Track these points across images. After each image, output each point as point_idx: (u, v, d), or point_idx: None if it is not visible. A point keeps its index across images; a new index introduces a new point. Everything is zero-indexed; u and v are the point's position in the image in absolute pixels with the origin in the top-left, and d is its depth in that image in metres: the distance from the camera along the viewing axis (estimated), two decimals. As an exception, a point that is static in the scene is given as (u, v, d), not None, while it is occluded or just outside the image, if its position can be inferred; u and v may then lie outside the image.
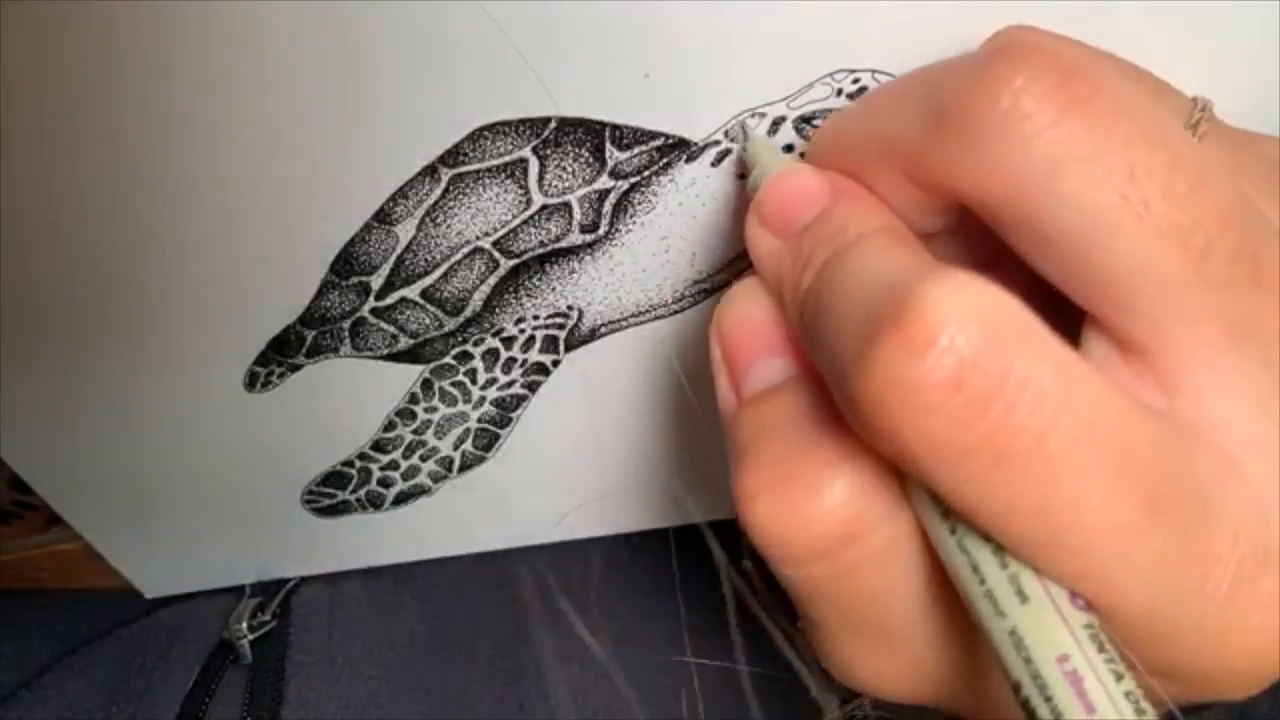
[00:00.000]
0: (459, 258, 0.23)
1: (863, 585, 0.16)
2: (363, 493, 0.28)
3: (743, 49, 0.20)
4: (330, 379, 0.25)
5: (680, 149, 0.21)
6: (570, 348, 0.25)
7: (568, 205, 0.22)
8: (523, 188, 0.22)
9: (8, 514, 0.30)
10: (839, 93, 0.20)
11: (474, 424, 0.26)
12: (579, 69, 0.20)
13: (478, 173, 0.21)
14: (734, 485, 0.17)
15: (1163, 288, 0.15)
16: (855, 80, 0.20)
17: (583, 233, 0.23)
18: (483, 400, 0.26)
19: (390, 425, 0.26)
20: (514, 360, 0.25)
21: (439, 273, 0.23)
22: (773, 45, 0.20)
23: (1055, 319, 0.14)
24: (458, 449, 0.27)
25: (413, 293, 0.23)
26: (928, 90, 0.16)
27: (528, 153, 0.21)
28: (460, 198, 0.22)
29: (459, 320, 0.24)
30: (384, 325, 0.24)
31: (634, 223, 0.23)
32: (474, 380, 0.25)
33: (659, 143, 0.21)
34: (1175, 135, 0.15)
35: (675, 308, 0.24)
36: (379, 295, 0.23)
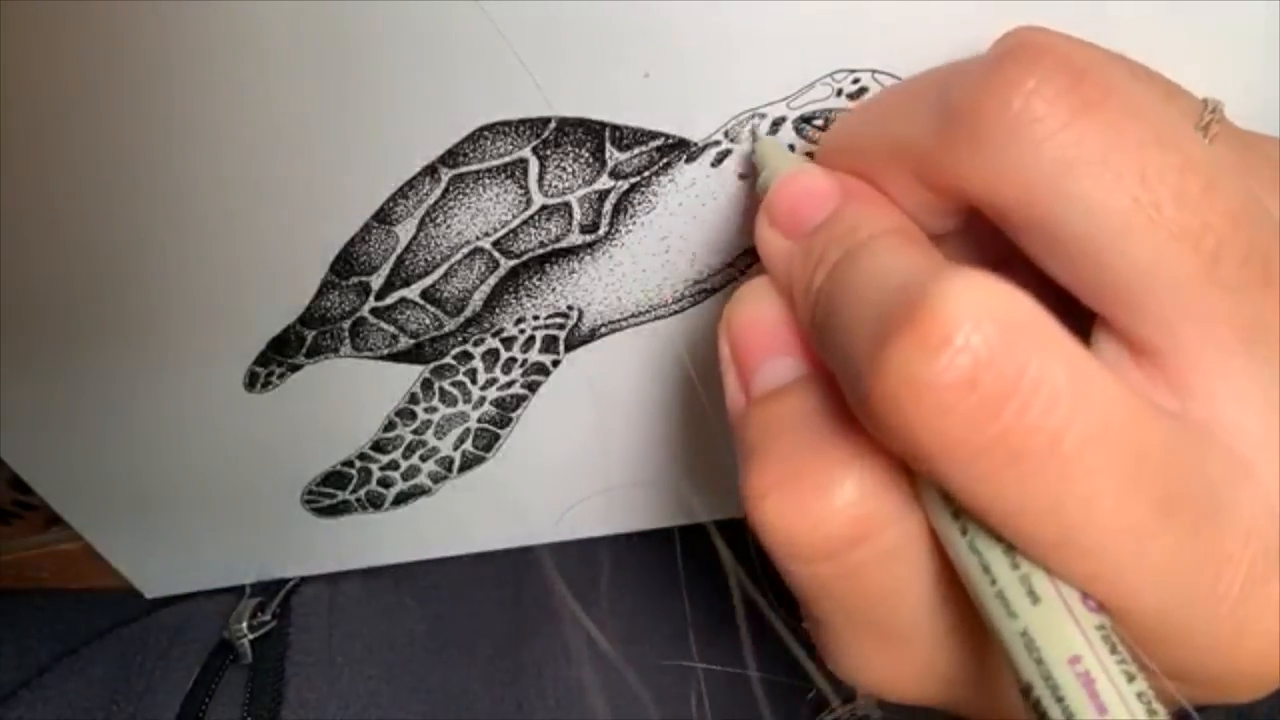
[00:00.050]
0: (459, 258, 0.23)
1: (871, 585, 0.16)
2: (363, 493, 0.28)
3: (743, 49, 0.20)
4: (330, 379, 0.25)
5: (680, 149, 0.21)
6: (570, 348, 0.25)
7: (568, 205, 0.22)
8: (523, 188, 0.22)
9: (8, 514, 0.30)
10: (839, 93, 0.20)
11: (474, 424, 0.26)
12: (578, 69, 0.20)
13: (478, 173, 0.21)
14: (743, 484, 0.16)
15: (1174, 290, 0.15)
16: (855, 80, 0.20)
17: (583, 233, 0.23)
18: (483, 400, 0.26)
19: (390, 425, 0.26)
20: (514, 360, 0.25)
21: (439, 273, 0.23)
22: (773, 45, 0.20)
23: (1065, 321, 0.14)
24: (458, 449, 0.27)
25: (413, 293, 0.23)
26: (938, 92, 0.16)
27: (528, 153, 0.21)
28: (460, 198, 0.22)
29: (459, 320, 0.24)
30: (384, 325, 0.24)
31: (634, 223, 0.23)
32: (474, 380, 0.25)
33: (659, 143, 0.21)
34: (1186, 138, 0.15)
35: (675, 308, 0.24)
36: (379, 295, 0.23)
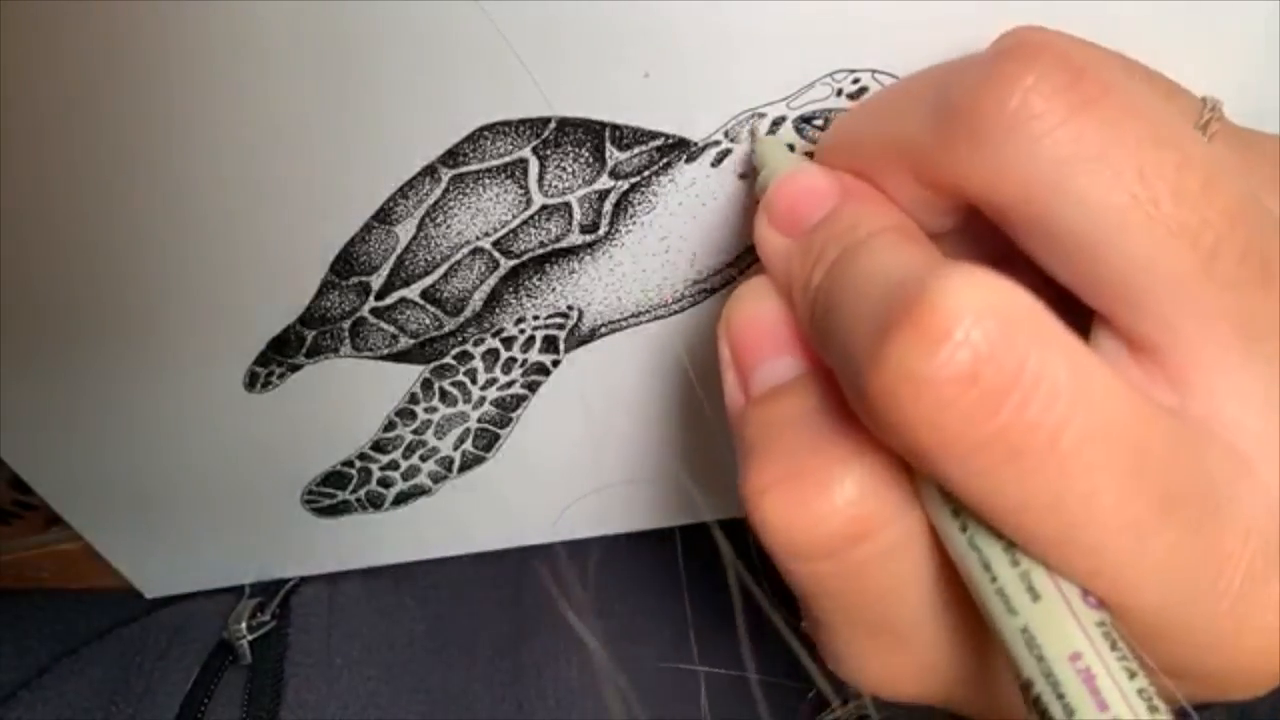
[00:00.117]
0: (459, 258, 0.23)
1: (871, 583, 0.16)
2: (363, 493, 0.28)
3: (743, 49, 0.20)
4: (330, 379, 0.25)
5: (680, 149, 0.21)
6: (570, 348, 0.25)
7: (568, 205, 0.22)
8: (523, 188, 0.22)
9: (8, 514, 0.30)
10: (839, 93, 0.20)
11: (474, 424, 0.26)
12: (578, 69, 0.20)
13: (478, 173, 0.21)
14: (742, 483, 0.16)
15: (1172, 287, 0.15)
16: (855, 80, 0.20)
17: (583, 233, 0.23)
18: (483, 400, 0.26)
19: (390, 425, 0.26)
20: (514, 360, 0.25)
21: (439, 273, 0.23)
22: (773, 45, 0.20)
23: (1065, 318, 0.14)
24: (458, 449, 0.27)
25: (413, 293, 0.23)
26: (936, 90, 0.16)
27: (528, 153, 0.21)
28: (460, 198, 0.22)
29: (459, 320, 0.24)
30: (384, 325, 0.24)
31: (634, 223, 0.23)
32: (474, 380, 0.25)
33: (659, 143, 0.21)
34: (1185, 135, 0.15)
35: (675, 308, 0.24)
36: (379, 295, 0.23)
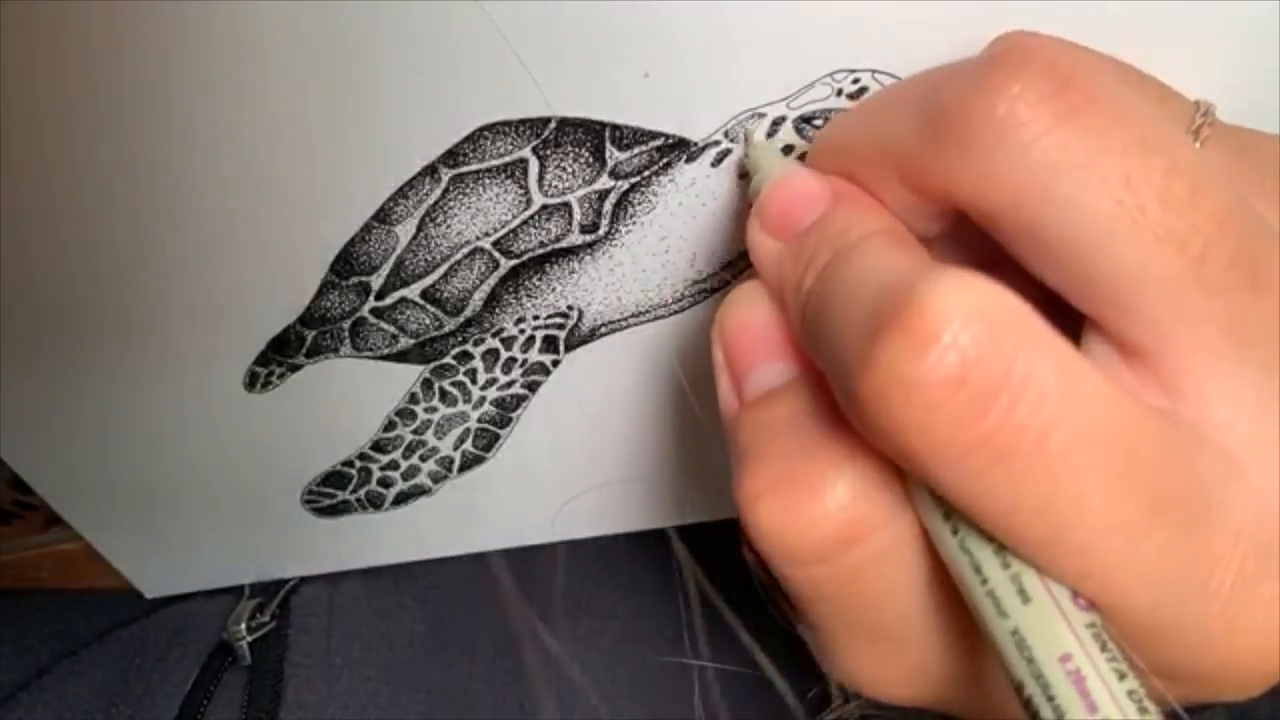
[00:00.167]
0: (459, 258, 0.23)
1: (865, 587, 0.16)
2: (363, 493, 0.28)
3: (743, 49, 0.20)
4: (330, 379, 0.25)
5: (680, 149, 0.21)
6: (570, 348, 0.25)
7: (568, 205, 0.22)
8: (523, 188, 0.22)
9: (8, 514, 0.30)
10: (839, 93, 0.20)
11: (474, 424, 0.26)
12: (578, 69, 0.20)
13: (478, 173, 0.21)
14: (736, 487, 0.17)
15: (1161, 292, 0.15)
16: (855, 80, 0.20)
17: (583, 233, 0.23)
18: (483, 400, 0.26)
19: (390, 425, 0.26)
20: (514, 360, 0.25)
21: (439, 273, 0.23)
22: (773, 45, 0.20)
23: (1055, 322, 0.14)
24: (458, 449, 0.27)
25: (413, 293, 0.23)
26: (926, 96, 0.16)
27: (528, 153, 0.21)
28: (460, 198, 0.22)
29: (459, 320, 0.24)
30: (384, 325, 0.24)
31: (634, 223, 0.23)
32: (474, 380, 0.25)
33: (659, 143, 0.21)
34: (1173, 141, 0.15)
35: (675, 308, 0.24)
36: (379, 295, 0.23)
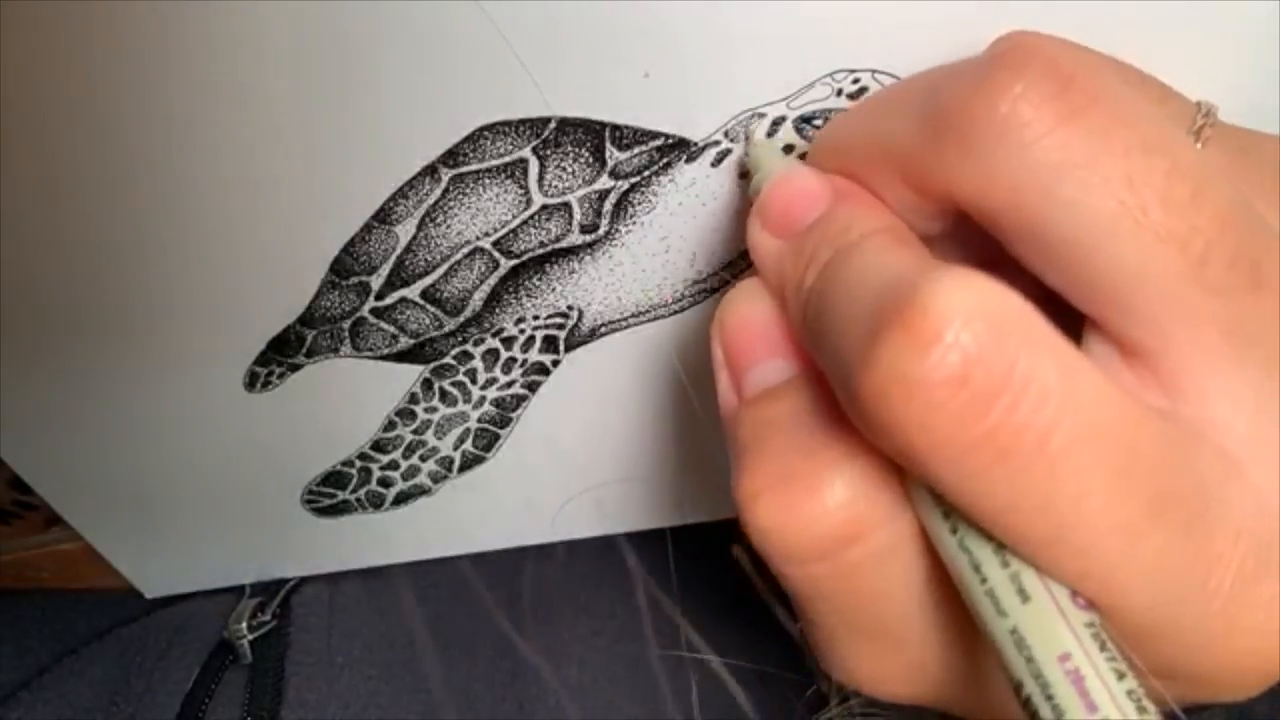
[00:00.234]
0: (459, 258, 0.23)
1: (864, 585, 0.16)
2: (363, 493, 0.28)
3: (743, 49, 0.20)
4: (330, 379, 0.25)
5: (680, 149, 0.21)
6: (570, 348, 0.25)
7: (568, 205, 0.22)
8: (523, 188, 0.22)
9: (8, 514, 0.30)
10: (839, 93, 0.20)
11: (474, 424, 0.26)
12: (578, 69, 0.20)
13: (478, 173, 0.21)
14: (735, 485, 0.17)
15: (1162, 292, 0.15)
16: (855, 80, 0.20)
17: (583, 233, 0.23)
18: (483, 400, 0.26)
19: (390, 425, 0.26)
20: (514, 360, 0.25)
21: (439, 273, 0.23)
22: (773, 45, 0.20)
23: (1055, 322, 0.14)
24: (458, 449, 0.27)
25: (413, 293, 0.23)
26: (927, 95, 0.16)
27: (528, 153, 0.21)
28: (460, 198, 0.22)
29: (459, 320, 0.24)
30: (384, 325, 0.24)
31: (634, 223, 0.23)
32: (474, 380, 0.25)
33: (659, 143, 0.21)
34: (1174, 142, 0.15)
35: (675, 308, 0.24)
36: (379, 295, 0.23)
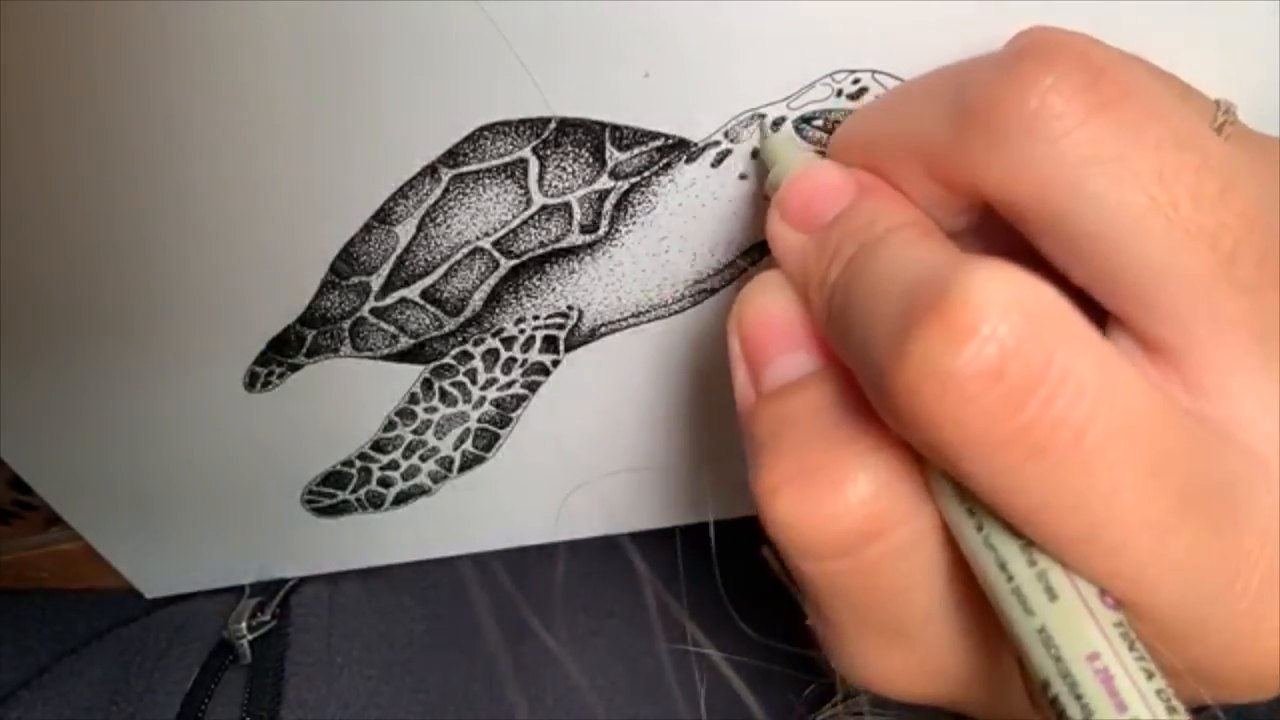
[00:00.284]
0: (459, 258, 0.23)
1: (883, 582, 0.16)
2: (363, 493, 0.28)
3: (743, 49, 0.20)
4: (330, 379, 0.25)
5: (680, 149, 0.21)
6: (570, 348, 0.25)
7: (568, 205, 0.22)
8: (523, 188, 0.22)
9: (8, 514, 0.30)
10: (839, 93, 0.20)
11: (474, 424, 0.26)
12: (578, 69, 0.20)
13: (478, 173, 0.21)
14: (754, 480, 0.16)
15: (1189, 289, 0.15)
16: (855, 80, 0.20)
17: (583, 233, 0.23)
18: (483, 400, 0.26)
19: (390, 425, 0.26)
20: (514, 360, 0.25)
21: (439, 273, 0.23)
22: (773, 45, 0.20)
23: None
24: (458, 449, 0.27)
25: (413, 293, 0.23)
26: (953, 88, 0.16)
27: (528, 153, 0.21)
28: (460, 198, 0.22)
29: (459, 320, 0.24)
30: (384, 325, 0.24)
31: (634, 223, 0.23)
32: (474, 380, 0.25)
33: (659, 143, 0.21)
34: (1204, 138, 0.15)
35: (675, 308, 0.24)
36: (379, 295, 0.23)
